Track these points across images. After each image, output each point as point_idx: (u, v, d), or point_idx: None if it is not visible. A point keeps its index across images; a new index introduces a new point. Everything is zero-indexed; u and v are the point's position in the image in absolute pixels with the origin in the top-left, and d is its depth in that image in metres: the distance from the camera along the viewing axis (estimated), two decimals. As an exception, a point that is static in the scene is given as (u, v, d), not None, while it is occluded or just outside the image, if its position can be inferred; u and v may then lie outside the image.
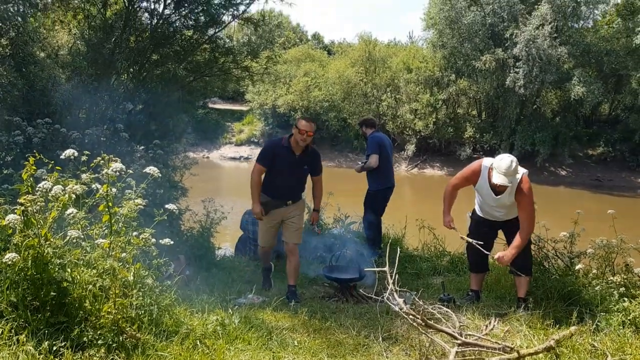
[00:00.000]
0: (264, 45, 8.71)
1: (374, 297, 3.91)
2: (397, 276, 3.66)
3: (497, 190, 4.48)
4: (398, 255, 4.03)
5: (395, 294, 3.51)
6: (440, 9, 24.17)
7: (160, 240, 3.48)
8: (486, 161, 4.58)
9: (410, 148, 25.34)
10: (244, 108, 31.50)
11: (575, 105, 23.87)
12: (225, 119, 29.68)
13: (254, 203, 5.05)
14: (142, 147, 7.04)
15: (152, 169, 3.60)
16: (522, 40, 21.88)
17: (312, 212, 5.48)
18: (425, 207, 18.06)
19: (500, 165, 4.33)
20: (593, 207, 19.24)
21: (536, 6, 22.28)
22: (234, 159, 28.14)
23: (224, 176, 25.16)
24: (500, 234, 4.88)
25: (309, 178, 5.23)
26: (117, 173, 3.27)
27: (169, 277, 5.25)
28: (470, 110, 26.77)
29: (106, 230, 3.34)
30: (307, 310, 4.31)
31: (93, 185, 3.52)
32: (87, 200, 3.49)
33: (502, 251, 4.58)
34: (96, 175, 3.58)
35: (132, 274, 2.99)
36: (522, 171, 4.47)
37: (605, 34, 23.64)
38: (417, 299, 3.78)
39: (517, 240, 4.43)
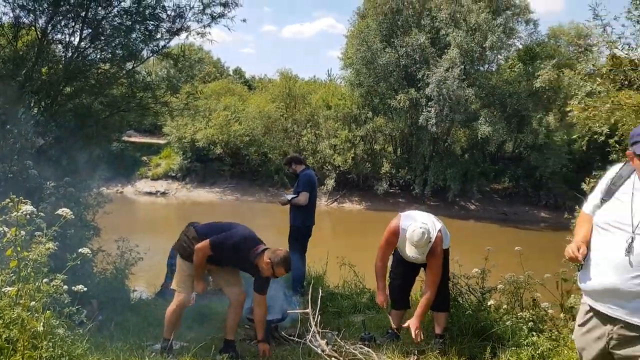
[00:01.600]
0: (184, 80, 8.61)
1: (296, 339, 3.89)
2: (319, 317, 3.67)
3: None
4: (320, 295, 4.05)
5: (317, 335, 3.51)
6: (357, 49, 24.99)
7: (73, 287, 3.30)
8: (403, 222, 4.59)
9: (330, 183, 25.67)
10: (161, 141, 30.76)
11: (482, 143, 25.26)
12: (142, 152, 28.84)
13: None
14: (53, 184, 6.71)
15: (64, 211, 3.44)
16: (433, 81, 23.00)
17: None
18: (346, 241, 18.36)
19: (413, 237, 4.38)
20: (501, 240, 20.24)
21: (446, 50, 23.58)
22: (150, 193, 27.25)
23: (139, 212, 24.30)
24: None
25: None
26: (27, 216, 3.10)
27: (81, 324, 5.00)
28: (386, 147, 27.57)
29: (14, 277, 3.12)
30: (228, 355, 4.21)
31: (0, 229, 3.30)
32: (-8, 245, 3.27)
33: (410, 320, 4.57)
34: (3, 217, 3.38)
35: (41, 324, 2.81)
36: (437, 229, 4.53)
37: (508, 77, 25.38)
38: (338, 340, 3.79)
39: (421, 305, 4.54)
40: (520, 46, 26.74)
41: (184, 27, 7.26)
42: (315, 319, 3.64)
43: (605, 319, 2.62)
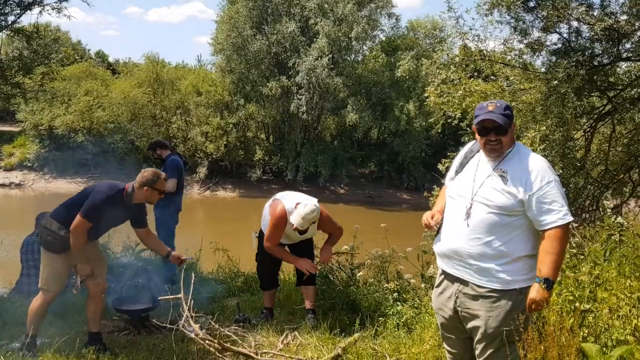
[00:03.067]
0: (39, 61, 7.96)
1: (169, 325, 3.82)
2: (192, 302, 3.63)
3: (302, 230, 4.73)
4: (193, 280, 4.00)
5: (190, 320, 3.48)
6: (228, 35, 24.69)
7: None
8: (287, 204, 4.71)
9: (202, 171, 25.26)
10: (14, 129, 28.19)
11: (350, 130, 26.33)
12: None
13: None
14: None
15: None
16: (303, 70, 23.42)
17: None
18: (220, 228, 18.17)
19: (305, 211, 4.53)
20: (368, 220, 21.14)
21: (315, 39, 24.08)
22: (3, 185, 24.96)
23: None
24: None
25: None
26: None
27: None
28: (259, 134, 27.68)
29: None
30: (94, 348, 4.02)
31: None
32: None
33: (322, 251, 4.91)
34: None
35: None
36: (315, 203, 4.70)
37: (372, 67, 26.57)
38: (212, 323, 3.78)
39: (329, 241, 4.86)
40: (383, 38, 28.11)
41: (37, 1, 6.70)
42: (188, 304, 3.60)
43: (453, 279, 2.91)
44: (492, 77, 7.64)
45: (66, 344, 4.19)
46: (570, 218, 2.64)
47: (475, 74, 7.97)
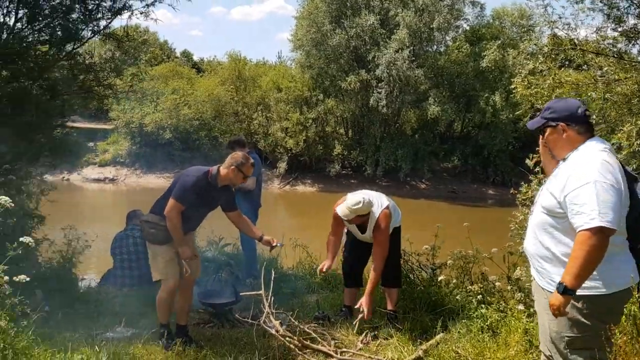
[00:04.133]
0: (130, 62, 8.33)
1: (250, 320, 3.88)
2: (272, 298, 3.66)
3: (361, 227, 4.71)
4: (273, 276, 4.04)
5: (271, 316, 3.51)
6: (307, 31, 24.86)
7: (14, 278, 3.17)
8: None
9: (282, 166, 25.63)
10: (108, 127, 29.82)
11: (432, 123, 25.76)
12: (88, 138, 27.87)
13: None
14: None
15: (2, 199, 3.29)
16: (383, 63, 23.16)
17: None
18: (300, 222, 18.40)
19: (350, 201, 4.52)
20: (451, 217, 20.72)
21: (395, 31, 23.74)
22: (97, 180, 26.52)
23: (87, 200, 23.61)
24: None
25: None
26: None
27: (25, 315, 4.83)
28: (338, 129, 27.70)
29: (-51, 269, 2.98)
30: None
31: None
32: None
33: (361, 299, 4.64)
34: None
35: (-19, 317, 2.68)
36: (383, 205, 4.66)
37: (455, 58, 25.81)
38: (292, 320, 3.80)
39: (370, 281, 4.63)
40: (467, 27, 27.25)
41: (126, 6, 7.00)
42: (269, 301, 3.63)
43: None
44: (584, 67, 7.18)
45: (155, 335, 4.37)
46: (599, 223, 2.43)
47: (567, 63, 7.52)
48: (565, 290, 2.50)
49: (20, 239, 3.19)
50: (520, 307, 4.21)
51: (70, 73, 7.24)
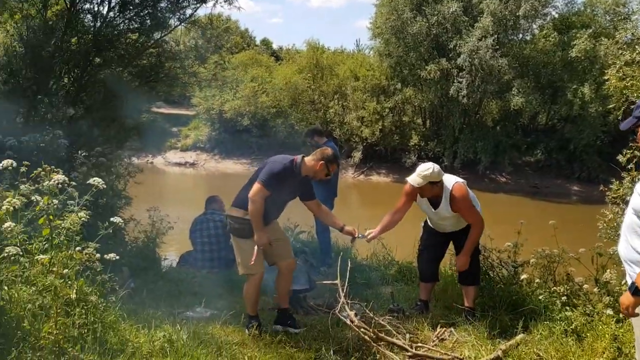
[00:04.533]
0: (212, 50, 8.54)
1: (325, 309, 3.89)
2: (347, 288, 3.65)
3: (433, 202, 4.60)
4: (349, 266, 4.03)
5: (346, 306, 3.49)
6: (387, 19, 24.51)
7: (105, 256, 3.34)
8: None
9: (357, 155, 25.55)
10: (190, 113, 30.89)
11: (515, 115, 24.75)
12: (171, 123, 29.03)
13: None
14: (84, 154, 6.79)
15: (96, 180, 3.46)
16: (465, 51, 22.49)
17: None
18: (374, 212, 18.29)
19: (421, 168, 4.51)
20: (532, 213, 19.95)
21: (479, 18, 22.97)
22: (179, 164, 27.57)
23: (170, 183, 24.61)
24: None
25: None
26: (59, 185, 3.12)
27: (113, 291, 5.09)
28: (415, 119, 27.24)
29: (46, 245, 3.17)
30: (257, 324, 4.24)
31: (33, 197, 3.34)
32: (26, 213, 3.31)
33: (458, 256, 4.66)
34: (36, 186, 3.42)
35: (74, 291, 2.84)
36: (453, 181, 4.61)
37: (542, 47, 24.63)
38: (367, 311, 3.77)
39: (466, 245, 4.55)
40: (556, 15, 25.90)
41: (211, -5, 7.18)
42: (344, 291, 3.62)
43: None
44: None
45: (232, 317, 4.46)
46: None
47: (669, 53, 6.96)
48: (637, 291, 2.44)
49: (111, 218, 3.34)
50: (609, 311, 3.96)
51: (158, 60, 7.53)
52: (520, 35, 25.50)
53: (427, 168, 4.49)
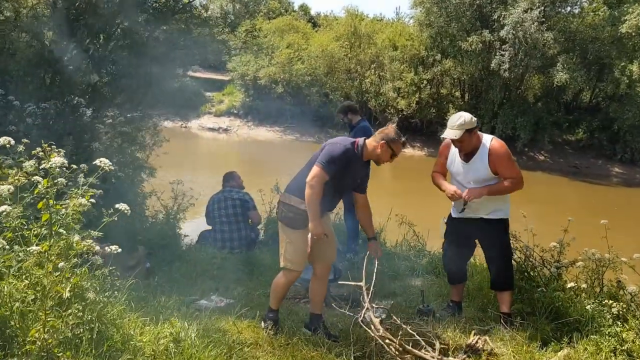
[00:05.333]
0: (244, 17, 8.11)
1: (347, 313, 3.57)
2: (373, 291, 3.30)
3: (465, 154, 4.24)
4: (376, 267, 3.68)
5: (371, 313, 3.16)
6: (429, -13, 23.60)
7: (106, 248, 3.05)
8: None
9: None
10: (225, 78, 30.64)
11: (558, 91, 23.79)
12: (206, 88, 28.84)
13: None
14: (109, 122, 6.56)
15: (103, 161, 3.15)
16: (509, 23, 21.54)
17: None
18: (405, 186, 17.86)
19: (449, 121, 4.20)
20: (570, 193, 19.30)
21: (525, -12, 21.87)
22: (212, 129, 27.48)
23: (202, 148, 24.62)
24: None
25: None
26: (58, 169, 2.83)
27: (128, 269, 4.87)
28: (453, 91, 26.45)
29: (46, 232, 2.90)
30: (273, 323, 3.93)
31: (34, 178, 3.06)
32: (26, 195, 3.04)
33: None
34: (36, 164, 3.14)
35: (67, 289, 2.56)
36: (491, 136, 4.31)
37: (591, 22, 23.39)
38: (395, 319, 3.43)
39: (491, 186, 4.15)
40: (607, -13, 24.47)
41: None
42: (369, 296, 3.29)
43: None
44: None
45: (248, 309, 4.19)
46: None
47: None
48: None
49: (116, 205, 3.05)
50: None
51: (186, 27, 7.19)
52: (568, 9, 24.27)
53: (459, 117, 4.17)
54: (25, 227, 2.94)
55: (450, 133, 4.15)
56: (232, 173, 6.64)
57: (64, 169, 2.88)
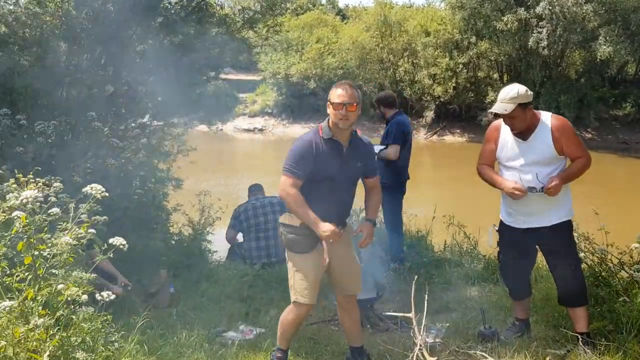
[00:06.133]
0: (265, 12, 7.61)
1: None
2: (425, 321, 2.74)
3: (520, 132, 3.59)
4: (427, 294, 3.11)
5: (425, 352, 2.59)
6: (459, -33, 22.73)
7: (102, 295, 2.54)
8: None
9: (429, 115, 24.35)
10: (257, 78, 30.47)
11: (601, 65, 22.77)
12: (239, 90, 28.69)
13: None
14: (128, 133, 6.22)
15: (94, 187, 2.69)
16: (545, -1, 20.54)
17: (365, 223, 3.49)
18: (447, 174, 17.14)
19: (500, 95, 3.65)
20: (619, 171, 18.33)
21: (561, -40, 20.78)
22: (248, 130, 27.36)
23: (239, 149, 24.59)
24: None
25: None
26: (34, 203, 2.37)
27: (149, 297, 4.45)
28: (491, 74, 25.54)
29: (29, 276, 2.44)
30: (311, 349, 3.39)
31: (14, 214, 2.62)
32: (5, 235, 2.60)
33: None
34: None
35: (46, 355, 2.09)
36: (547, 113, 3.66)
37: (633, -9, 22.11)
38: (456, 348, 2.85)
39: (566, 171, 3.57)
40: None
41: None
42: (422, 332, 2.73)
43: None
44: None
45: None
46: None
47: None
48: None
49: (110, 240, 2.56)
50: None
51: (201, 26, 6.74)
52: (607, -22, 22.99)
53: (511, 89, 3.56)
54: (7, 272, 2.49)
55: (500, 107, 3.55)
56: (258, 185, 6.17)
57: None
